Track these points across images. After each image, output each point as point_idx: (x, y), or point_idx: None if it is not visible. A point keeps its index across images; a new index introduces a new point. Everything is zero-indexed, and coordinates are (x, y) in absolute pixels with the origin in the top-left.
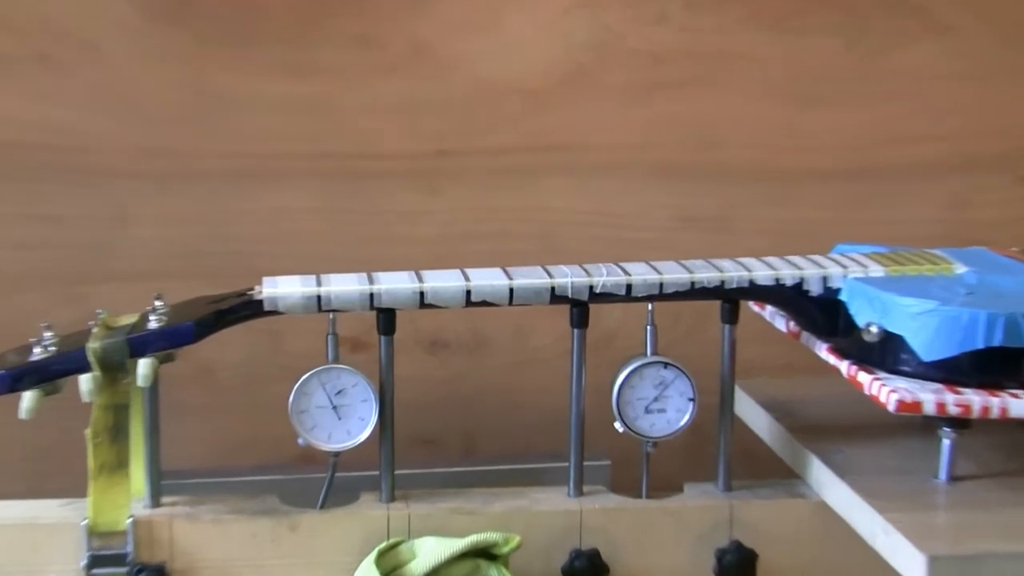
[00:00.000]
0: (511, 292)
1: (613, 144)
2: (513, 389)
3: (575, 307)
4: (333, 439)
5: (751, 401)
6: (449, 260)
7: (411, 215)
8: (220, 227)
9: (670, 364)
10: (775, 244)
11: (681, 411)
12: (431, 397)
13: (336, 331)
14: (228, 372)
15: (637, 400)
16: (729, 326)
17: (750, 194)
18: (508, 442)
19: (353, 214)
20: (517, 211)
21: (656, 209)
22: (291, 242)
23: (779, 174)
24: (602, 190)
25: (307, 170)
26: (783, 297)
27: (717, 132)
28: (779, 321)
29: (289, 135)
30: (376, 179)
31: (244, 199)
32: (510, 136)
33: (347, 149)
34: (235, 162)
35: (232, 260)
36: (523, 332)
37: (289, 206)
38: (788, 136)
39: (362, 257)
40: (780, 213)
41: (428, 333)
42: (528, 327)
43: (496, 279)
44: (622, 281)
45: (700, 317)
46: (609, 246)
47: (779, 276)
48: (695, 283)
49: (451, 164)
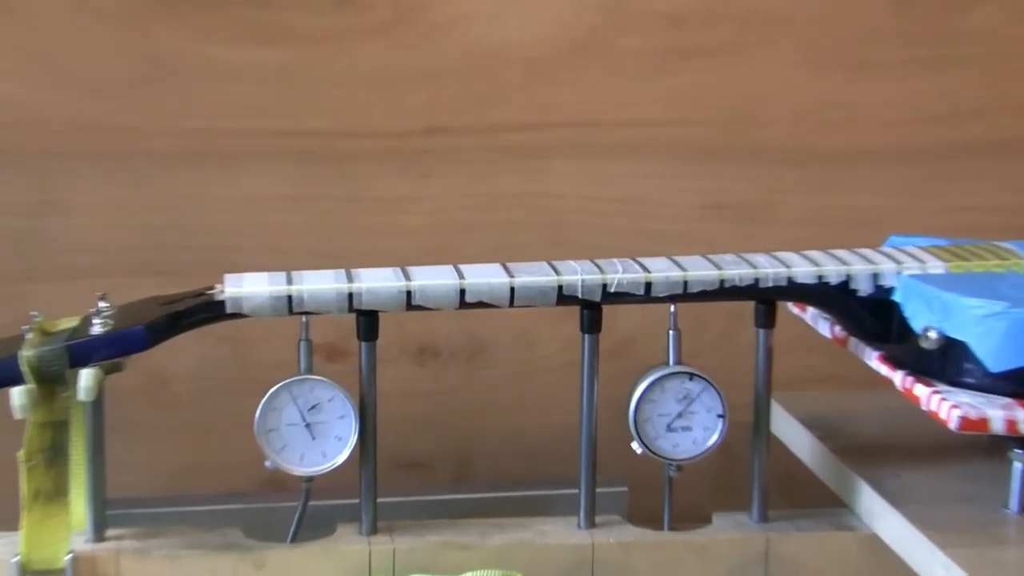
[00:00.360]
0: (512, 292)
1: (630, 121)
2: (515, 404)
3: (586, 309)
4: (306, 462)
5: (790, 418)
6: (441, 254)
7: (397, 202)
8: (174, 216)
9: (696, 375)
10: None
11: (709, 429)
12: (420, 413)
13: (309, 337)
14: (184, 384)
15: (658, 417)
16: (764, 331)
17: (789, 178)
18: (509, 465)
19: (330, 201)
20: (519, 198)
21: (680, 195)
22: (257, 234)
23: (823, 154)
24: (618, 174)
25: (275, 150)
26: (827, 297)
27: (751, 106)
28: (823, 325)
29: (254, 110)
30: (356, 161)
31: (202, 184)
32: (511, 112)
33: (323, 126)
34: (191, 141)
35: (189, 254)
36: (526, 338)
37: (255, 192)
38: (833, 110)
39: (340, 251)
40: (824, 200)
41: (416, 339)
42: (532, 332)
43: (495, 276)
44: (640, 279)
45: (731, 321)
46: (626, 238)
47: (823, 273)
48: (725, 281)
49: (443, 144)
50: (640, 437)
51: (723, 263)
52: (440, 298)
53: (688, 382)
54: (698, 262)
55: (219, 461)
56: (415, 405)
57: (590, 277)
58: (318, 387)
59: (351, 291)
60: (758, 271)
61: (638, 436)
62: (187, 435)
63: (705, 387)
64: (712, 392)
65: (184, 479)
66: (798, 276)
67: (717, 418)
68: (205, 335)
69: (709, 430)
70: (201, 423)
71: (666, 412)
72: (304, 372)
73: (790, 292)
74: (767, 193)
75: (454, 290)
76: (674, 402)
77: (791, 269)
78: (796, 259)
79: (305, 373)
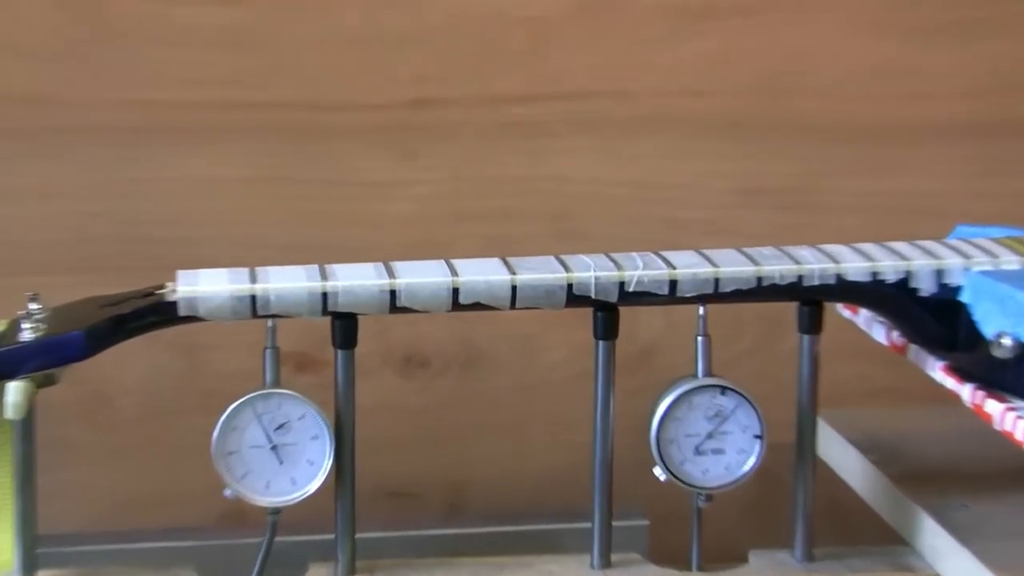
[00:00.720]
0: (514, 291)
1: (650, 91)
2: (517, 422)
3: (600, 311)
4: (272, 490)
5: (840, 439)
6: (431, 247)
7: (379, 186)
8: (117, 203)
9: (729, 388)
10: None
11: (744, 452)
12: (406, 433)
13: (276, 344)
14: (129, 400)
15: (685, 438)
16: (809, 337)
17: (839, 158)
18: (509, 494)
19: (300, 185)
20: (522, 182)
21: (710, 178)
22: (215, 223)
23: (879, 130)
24: (636, 153)
25: (236, 125)
26: (883, 297)
27: (791, 74)
28: (877, 330)
29: (213, 78)
30: (331, 138)
31: (150, 165)
32: (512, 81)
33: (291, 97)
34: (137, 115)
35: (135, 247)
36: (530, 345)
37: (212, 174)
38: (891, 79)
39: (312, 243)
40: (878, 183)
41: (402, 347)
42: (537, 339)
43: (494, 273)
44: (664, 276)
45: (770, 325)
46: (647, 228)
47: (877, 269)
48: (763, 278)
49: (433, 118)
50: (664, 461)
51: (760, 257)
52: (429, 299)
53: (720, 397)
54: (731, 256)
55: (170, 490)
56: (400, 424)
57: (605, 274)
58: (287, 403)
59: (325, 290)
60: (801, 267)
61: (661, 460)
62: (133, 459)
63: (740, 403)
64: (748, 408)
65: (129, 511)
66: (848, 273)
67: (754, 439)
68: (154, 342)
69: (744, 453)
70: (149, 445)
71: (694, 432)
72: (270, 385)
73: (839, 292)
74: (811, 176)
75: (446, 289)
76: (703, 420)
77: (840, 265)
78: (846, 253)
79: (271, 386)
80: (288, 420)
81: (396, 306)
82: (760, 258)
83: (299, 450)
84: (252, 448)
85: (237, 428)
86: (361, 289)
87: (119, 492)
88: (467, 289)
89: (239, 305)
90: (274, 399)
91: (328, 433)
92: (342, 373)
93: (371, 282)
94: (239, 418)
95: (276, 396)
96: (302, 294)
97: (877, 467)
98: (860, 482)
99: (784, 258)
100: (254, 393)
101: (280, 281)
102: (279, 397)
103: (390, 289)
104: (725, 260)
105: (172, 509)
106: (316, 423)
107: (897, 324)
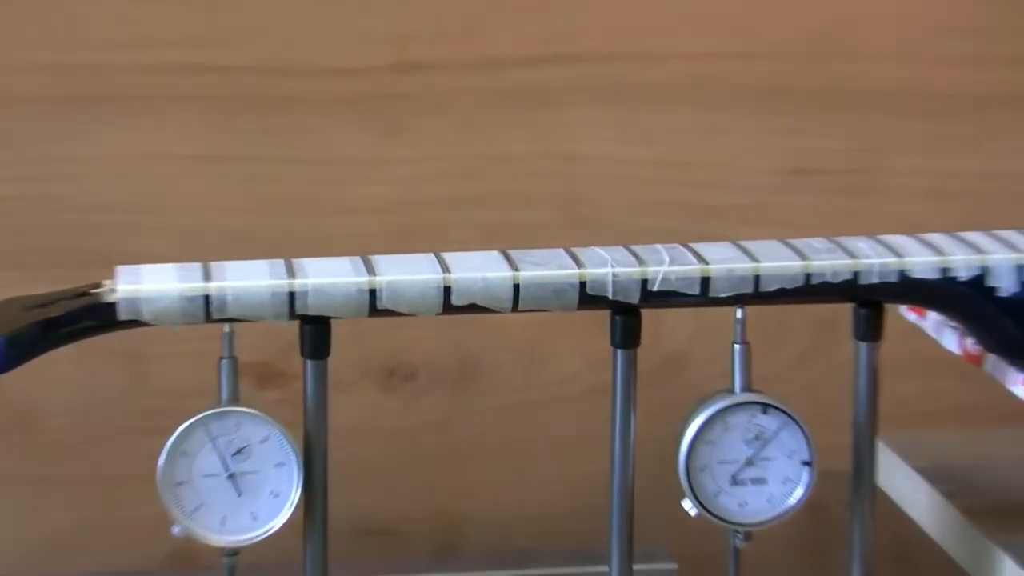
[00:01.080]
0: (516, 290)
1: (677, 53)
2: (519, 446)
3: (619, 314)
4: (229, 527)
5: (904, 466)
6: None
7: (355, 166)
8: (42, 186)
9: (772, 406)
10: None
11: (790, 482)
12: (388, 460)
13: (234, 354)
14: (60, 419)
15: (719, 464)
16: (867, 345)
17: (902, 132)
18: (510, 532)
19: (261, 164)
20: (524, 160)
21: (749, 156)
22: (161, 209)
23: (946, 99)
24: (660, 127)
25: (185, 93)
26: (955, 298)
27: (846, 33)
28: (948, 337)
29: (156, 38)
30: (297, 109)
31: (84, 140)
32: (512, 41)
33: (250, 60)
34: (68, 80)
35: (65, 239)
36: (536, 355)
37: (157, 151)
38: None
39: (276, 233)
40: (949, 162)
41: (384, 357)
42: (543, 347)
43: (492, 269)
44: (695, 272)
45: (820, 331)
46: (674, 216)
47: (948, 264)
48: (812, 275)
49: (419, 85)
50: (694, 493)
51: (809, 250)
52: (416, 299)
53: (761, 416)
54: (774, 249)
55: (108, 527)
56: (382, 448)
57: (624, 270)
58: (246, 423)
59: (292, 289)
60: (858, 262)
61: (691, 492)
62: (63, 490)
63: (784, 423)
64: (794, 430)
65: (59, 551)
66: (913, 269)
67: (802, 466)
68: (89, 351)
69: (790, 483)
70: (83, 474)
71: (730, 458)
72: (227, 402)
73: (902, 291)
74: (869, 153)
75: (436, 288)
76: (742, 444)
77: (903, 259)
78: (911, 245)
79: (228, 404)
80: (248, 444)
81: (377, 308)
82: (809, 251)
83: (261, 479)
84: (205, 477)
85: (187, 453)
86: (335, 288)
87: (47, 529)
88: (461, 288)
89: (190, 307)
90: (231, 419)
91: (295, 459)
92: (312, 388)
93: (346, 280)
94: (190, 441)
95: (234, 415)
96: (265, 294)
97: (947, 499)
98: (928, 517)
99: (837, 251)
100: (208, 412)
101: (239, 278)
102: (237, 416)
103: (369, 288)
104: (767, 254)
105: (110, 549)
106: (281, 447)
107: (971, 330)
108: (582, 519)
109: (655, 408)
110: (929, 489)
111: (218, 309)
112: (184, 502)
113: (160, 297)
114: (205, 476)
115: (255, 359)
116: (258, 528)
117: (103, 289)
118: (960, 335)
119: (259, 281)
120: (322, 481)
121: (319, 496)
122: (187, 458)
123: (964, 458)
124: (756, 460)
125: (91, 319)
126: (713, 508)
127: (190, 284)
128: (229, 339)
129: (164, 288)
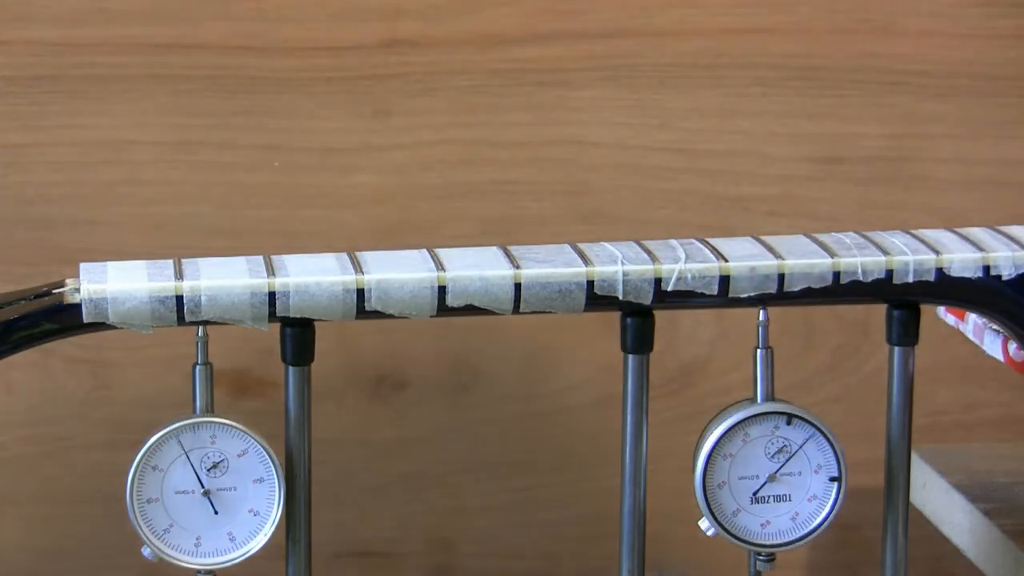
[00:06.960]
0: (517, 290)
1: (694, 29)
2: (520, 460)
3: (631, 316)
4: (204, 548)
5: (942, 481)
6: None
7: (341, 153)
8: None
9: (797, 417)
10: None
11: (818, 499)
12: (378, 476)
13: (209, 360)
14: (15, 433)
15: (739, 480)
16: (901, 350)
17: (942, 116)
18: (510, 554)
19: (237, 152)
20: (527, 147)
21: (774, 143)
22: (128, 201)
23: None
24: (676, 111)
25: (152, 74)
26: (998, 298)
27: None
28: (991, 341)
29: (116, 11)
30: (277, 91)
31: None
32: (513, 16)
33: (223, 38)
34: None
35: (23, 233)
36: (539, 362)
37: (123, 138)
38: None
39: (254, 228)
40: (992, 149)
41: (373, 364)
42: (548, 353)
43: (491, 266)
44: (713, 270)
45: (851, 334)
46: (690, 208)
47: (990, 262)
48: (842, 273)
49: (410, 65)
50: (712, 512)
51: (839, 246)
52: (408, 300)
53: (785, 428)
54: (800, 245)
55: (71, 549)
56: (371, 463)
57: (636, 268)
58: (223, 435)
59: (273, 289)
60: (892, 258)
61: (709, 510)
62: (21, 510)
63: (811, 435)
64: (822, 442)
65: (19, 575)
66: (953, 266)
67: (830, 482)
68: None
69: (817, 500)
70: (42, 491)
71: (752, 473)
72: (201, 412)
73: (941, 290)
74: (906, 139)
75: (429, 288)
76: (764, 458)
77: (942, 256)
78: (950, 240)
79: (203, 414)
80: (224, 458)
81: (365, 310)
82: (838, 247)
83: (239, 497)
84: (178, 494)
85: (158, 468)
86: (319, 288)
87: (3, 552)
88: (457, 287)
89: (161, 308)
90: (206, 430)
91: (276, 474)
92: (294, 397)
93: (331, 279)
94: (161, 455)
95: (209, 426)
96: (243, 295)
97: (988, 517)
98: (967, 538)
99: (869, 247)
100: (180, 423)
101: (214, 277)
102: (212, 427)
103: (356, 287)
104: (792, 250)
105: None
106: (261, 461)
107: (1016, 334)
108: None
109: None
110: (968, 506)
111: (192, 311)
112: (155, 521)
113: (128, 297)
114: (177, 493)
115: (232, 365)
116: (235, 550)
117: (65, 289)
118: (1003, 339)
119: (236, 280)
120: (305, 498)
121: (301, 515)
122: (158, 474)
123: (1006, 474)
124: (780, 476)
125: (52, 322)
126: (732, 528)
127: (161, 283)
128: (203, 343)
129: (132, 288)
